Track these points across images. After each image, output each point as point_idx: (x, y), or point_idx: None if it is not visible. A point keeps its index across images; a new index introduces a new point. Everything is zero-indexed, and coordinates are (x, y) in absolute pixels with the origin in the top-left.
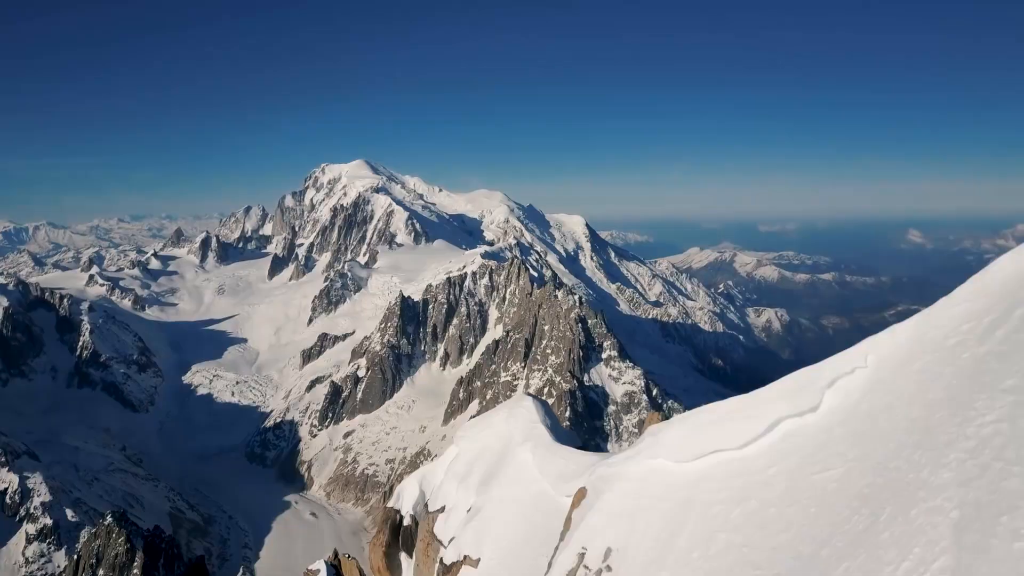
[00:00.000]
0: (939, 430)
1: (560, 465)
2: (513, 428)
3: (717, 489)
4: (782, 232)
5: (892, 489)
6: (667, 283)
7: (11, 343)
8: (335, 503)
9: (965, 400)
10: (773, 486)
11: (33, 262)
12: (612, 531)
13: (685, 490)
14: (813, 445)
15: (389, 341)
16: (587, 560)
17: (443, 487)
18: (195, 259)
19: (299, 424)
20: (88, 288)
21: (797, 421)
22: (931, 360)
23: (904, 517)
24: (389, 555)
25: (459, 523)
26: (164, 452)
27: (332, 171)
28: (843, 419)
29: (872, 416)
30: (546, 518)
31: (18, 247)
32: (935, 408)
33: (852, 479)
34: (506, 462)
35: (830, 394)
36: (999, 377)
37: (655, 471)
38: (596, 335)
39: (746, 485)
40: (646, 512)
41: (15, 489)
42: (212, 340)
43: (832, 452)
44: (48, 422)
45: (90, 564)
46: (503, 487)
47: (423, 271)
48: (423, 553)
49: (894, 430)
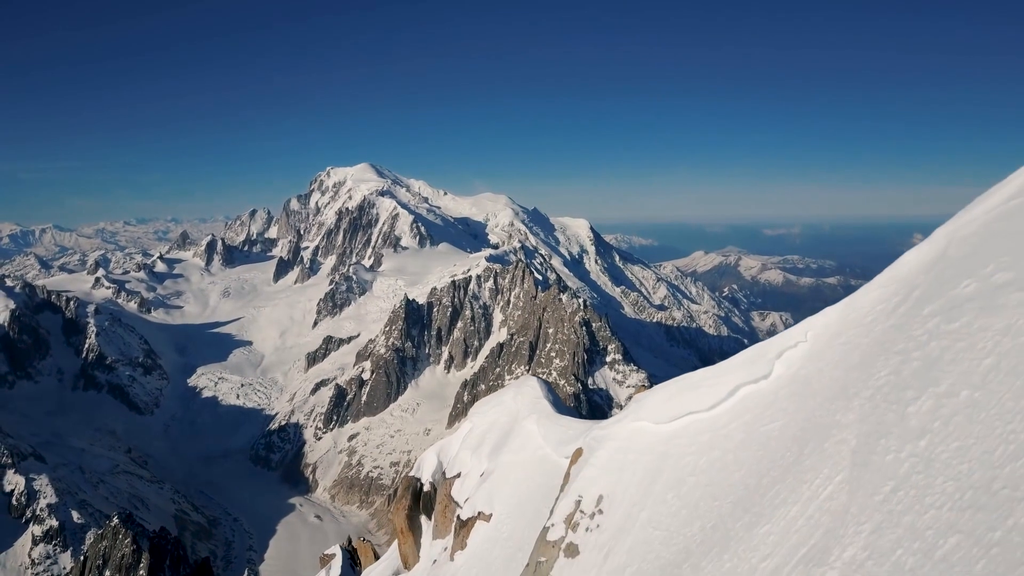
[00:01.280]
0: (851, 386)
1: (560, 432)
2: (520, 404)
3: (688, 444)
4: (787, 236)
5: (815, 431)
6: (672, 287)
7: (18, 345)
8: (339, 505)
9: (871, 362)
10: (732, 438)
11: (39, 265)
12: (603, 481)
13: (662, 445)
14: (763, 404)
15: (394, 344)
16: (582, 506)
17: (459, 456)
18: (200, 262)
19: (304, 427)
20: (94, 291)
21: (753, 386)
22: (853, 334)
23: (820, 449)
24: (411, 518)
25: (473, 486)
26: (169, 454)
27: (337, 174)
28: (787, 383)
29: (807, 380)
30: (548, 477)
31: (24, 250)
32: (851, 370)
33: (789, 427)
34: (514, 432)
35: (778, 364)
36: (895, 343)
37: (638, 431)
38: (600, 338)
39: (711, 439)
40: (631, 465)
41: (21, 491)
42: (217, 343)
43: (777, 409)
44: (54, 424)
45: (97, 565)
46: (511, 453)
47: (428, 274)
48: (441, 514)
49: (821, 389)
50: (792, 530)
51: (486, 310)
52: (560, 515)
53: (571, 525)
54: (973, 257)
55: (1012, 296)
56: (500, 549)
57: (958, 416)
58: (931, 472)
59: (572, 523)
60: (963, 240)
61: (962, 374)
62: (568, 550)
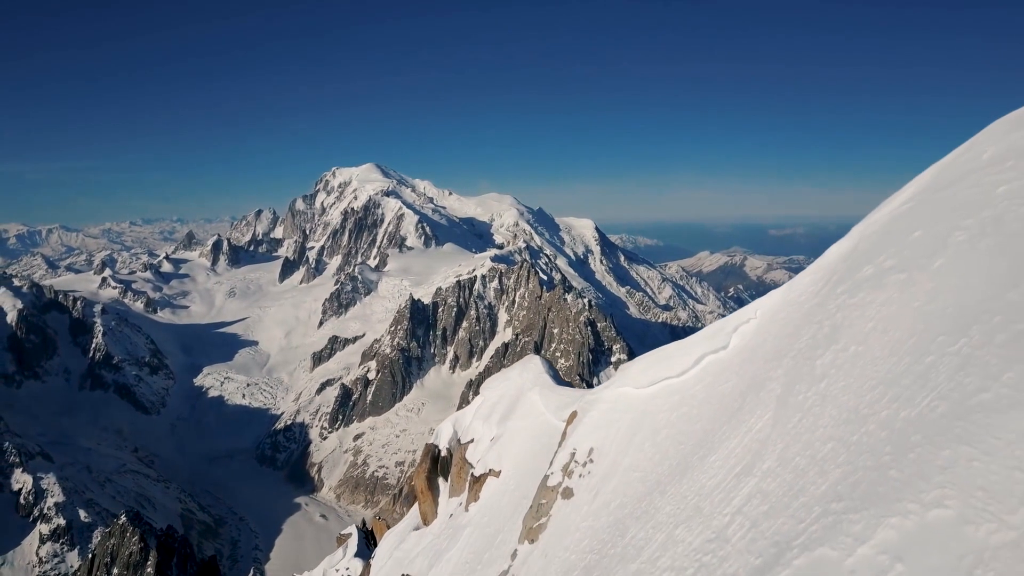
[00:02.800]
0: (783, 350)
1: (558, 399)
2: (525, 378)
3: (662, 403)
4: (792, 236)
5: (755, 385)
6: (677, 287)
7: (25, 345)
8: (345, 505)
9: (798, 331)
10: (696, 396)
11: (46, 265)
12: (593, 436)
13: (642, 405)
14: (721, 369)
15: (399, 344)
16: (576, 457)
17: (471, 425)
18: (206, 262)
19: (309, 426)
20: (101, 291)
21: (713, 355)
22: (789, 311)
23: (757, 398)
24: (430, 480)
25: (484, 449)
26: (175, 454)
27: (343, 175)
28: (739, 352)
29: (754, 348)
30: (548, 437)
31: (31, 250)
32: (785, 338)
33: (738, 385)
34: (520, 402)
35: (734, 336)
36: (816, 315)
37: (622, 395)
38: (605, 338)
39: (680, 399)
40: (616, 422)
41: (29, 490)
42: (223, 343)
43: (731, 372)
44: (61, 424)
45: (105, 562)
46: (517, 419)
47: (433, 274)
48: (457, 475)
49: (764, 354)
50: (732, 456)
51: (491, 310)
52: (558, 465)
53: (567, 473)
54: (873, 250)
55: (892, 277)
56: (508, 498)
57: (847, 364)
58: (825, 404)
59: (568, 471)
60: (868, 237)
61: (853, 334)
62: (564, 493)
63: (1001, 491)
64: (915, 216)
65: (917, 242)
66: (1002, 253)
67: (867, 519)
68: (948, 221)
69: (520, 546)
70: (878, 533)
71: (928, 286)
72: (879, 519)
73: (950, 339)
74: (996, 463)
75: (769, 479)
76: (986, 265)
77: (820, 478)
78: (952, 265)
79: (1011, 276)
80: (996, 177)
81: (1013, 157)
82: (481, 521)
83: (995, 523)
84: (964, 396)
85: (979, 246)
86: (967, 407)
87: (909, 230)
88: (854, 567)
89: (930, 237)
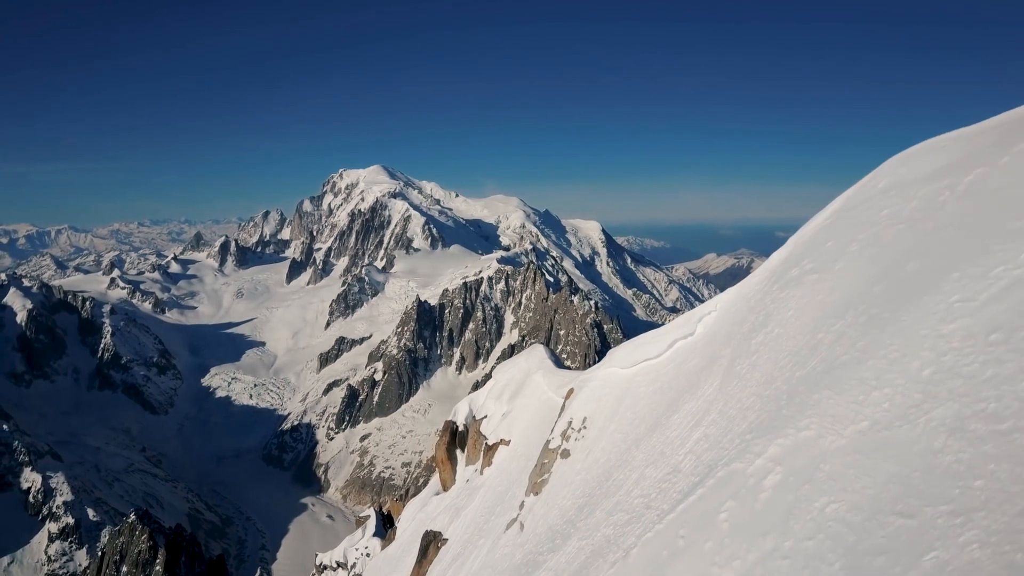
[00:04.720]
0: (733, 334)
1: (558, 380)
2: (530, 363)
3: (641, 380)
4: None
5: (711, 362)
6: (684, 289)
7: (34, 345)
8: (351, 505)
9: (744, 319)
10: (668, 373)
11: (55, 265)
12: (587, 408)
13: (626, 383)
14: (688, 351)
15: (406, 345)
16: (572, 424)
17: (485, 404)
18: (214, 263)
19: (316, 427)
20: (109, 291)
21: (683, 341)
22: (739, 304)
23: (710, 371)
24: (449, 451)
25: (496, 423)
26: (183, 453)
27: (350, 176)
28: (703, 337)
29: (714, 334)
30: (550, 411)
31: (41, 250)
32: (736, 325)
33: (700, 363)
34: (526, 383)
35: (699, 325)
36: (758, 306)
37: (611, 374)
38: (612, 340)
39: (656, 375)
40: (605, 396)
41: (38, 488)
42: (230, 343)
43: (696, 353)
44: (70, 423)
45: (114, 561)
46: (524, 398)
47: (440, 276)
48: (472, 446)
49: (720, 338)
50: (689, 415)
51: (497, 312)
52: (558, 432)
53: (565, 438)
54: (801, 255)
55: (809, 276)
56: (516, 462)
57: (772, 342)
58: (754, 371)
59: (566, 436)
60: (800, 244)
61: (778, 319)
62: (563, 454)
63: (843, 416)
64: (830, 229)
65: (829, 250)
66: (876, 260)
67: (763, 443)
68: (849, 234)
69: (527, 498)
70: (769, 450)
71: (830, 283)
72: (770, 441)
73: (834, 321)
74: (843, 399)
75: (711, 427)
76: (865, 268)
77: (743, 421)
78: (846, 267)
79: (878, 276)
80: (883, 202)
81: (896, 188)
82: (494, 482)
83: (835, 436)
84: (833, 357)
85: (864, 254)
86: (834, 365)
87: (825, 240)
88: (752, 472)
89: (837, 246)
